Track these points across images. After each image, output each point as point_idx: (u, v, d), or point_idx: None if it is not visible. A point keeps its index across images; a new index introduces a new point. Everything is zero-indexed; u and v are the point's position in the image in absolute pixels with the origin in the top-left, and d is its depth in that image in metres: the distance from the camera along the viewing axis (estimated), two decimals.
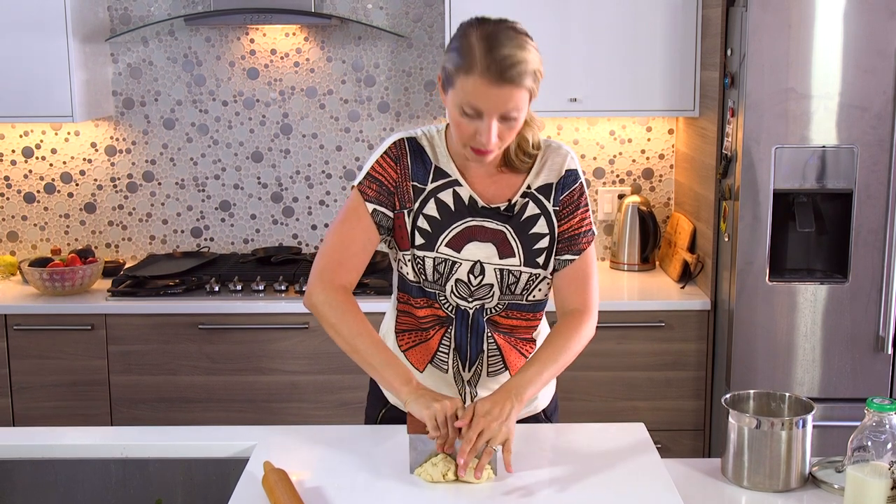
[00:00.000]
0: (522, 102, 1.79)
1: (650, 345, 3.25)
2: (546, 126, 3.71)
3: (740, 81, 2.97)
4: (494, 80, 1.73)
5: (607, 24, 3.32)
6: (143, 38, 3.67)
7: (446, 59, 1.81)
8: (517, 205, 1.93)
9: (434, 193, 1.93)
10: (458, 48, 1.78)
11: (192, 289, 3.34)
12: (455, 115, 1.81)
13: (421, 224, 1.92)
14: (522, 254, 1.93)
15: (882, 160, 2.94)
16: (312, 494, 1.69)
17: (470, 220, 1.92)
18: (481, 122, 1.78)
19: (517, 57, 1.74)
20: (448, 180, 1.93)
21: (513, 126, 1.81)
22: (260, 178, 3.77)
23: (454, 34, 1.83)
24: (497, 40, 1.74)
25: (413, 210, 1.93)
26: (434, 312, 1.97)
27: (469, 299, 1.94)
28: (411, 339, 2.01)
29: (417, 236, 1.92)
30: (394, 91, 3.71)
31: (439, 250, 1.92)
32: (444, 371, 2.00)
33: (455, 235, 1.92)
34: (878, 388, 3.04)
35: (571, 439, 1.94)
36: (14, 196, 3.77)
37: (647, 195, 3.77)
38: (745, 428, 1.79)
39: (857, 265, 2.99)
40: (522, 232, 1.93)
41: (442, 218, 1.92)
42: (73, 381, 3.28)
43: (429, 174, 1.93)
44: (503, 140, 1.82)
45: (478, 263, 1.92)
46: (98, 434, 2.05)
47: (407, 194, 1.93)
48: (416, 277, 1.95)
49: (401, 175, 1.93)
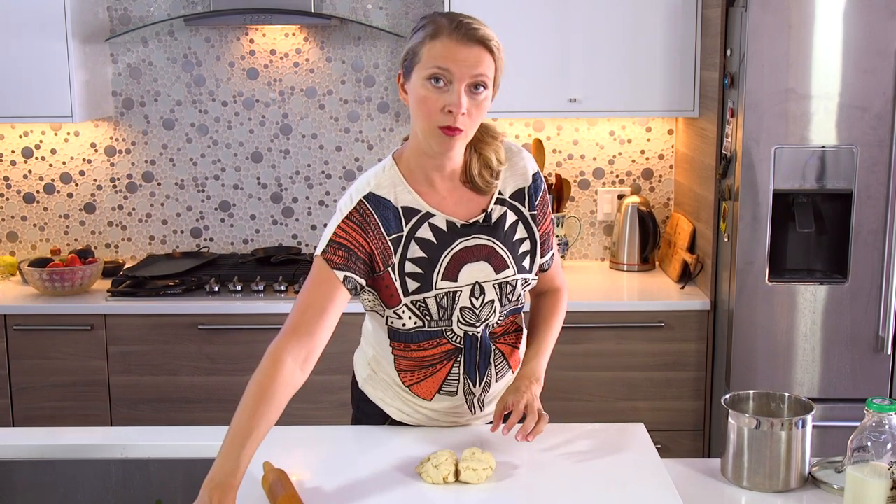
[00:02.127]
0: (490, 69, 1.77)
1: (650, 345, 3.25)
2: (546, 126, 3.72)
3: (740, 82, 2.97)
4: (463, 40, 1.74)
5: (607, 25, 3.32)
6: (142, 39, 3.67)
7: (408, 45, 1.81)
8: (494, 213, 1.91)
9: (412, 235, 1.85)
10: (421, 27, 1.81)
11: (192, 289, 3.34)
12: (421, 92, 1.77)
13: (409, 269, 1.85)
14: (514, 262, 1.92)
15: (882, 160, 2.94)
16: (312, 494, 1.69)
17: (456, 246, 1.87)
18: (450, 93, 1.74)
19: (482, 26, 1.78)
20: (420, 215, 1.86)
21: (480, 105, 1.77)
22: (259, 178, 3.77)
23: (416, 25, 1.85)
24: (460, 16, 1.79)
25: (395, 263, 1.85)
26: (441, 349, 1.93)
27: (476, 324, 1.91)
28: (415, 377, 1.96)
29: (410, 282, 1.85)
30: (393, 91, 3.71)
31: (437, 286, 1.86)
32: (454, 395, 1.97)
33: (447, 266, 1.87)
34: (878, 389, 3.04)
35: (571, 439, 1.94)
36: (14, 196, 3.77)
37: (647, 195, 3.77)
38: (744, 428, 1.79)
39: (857, 265, 2.99)
40: (507, 241, 1.92)
41: (428, 255, 1.86)
42: (72, 382, 3.28)
43: (400, 219, 1.85)
44: (471, 118, 1.77)
45: (476, 285, 1.89)
46: (98, 434, 2.05)
47: (386, 251, 1.84)
48: (417, 322, 1.88)
49: (372, 236, 1.83)
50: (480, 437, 1.95)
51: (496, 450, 1.84)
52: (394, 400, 2.02)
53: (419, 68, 1.77)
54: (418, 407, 2.00)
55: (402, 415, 2.02)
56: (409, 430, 1.99)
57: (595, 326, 3.22)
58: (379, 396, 2.04)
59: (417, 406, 2.00)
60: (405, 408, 2.01)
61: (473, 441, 1.92)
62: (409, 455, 1.85)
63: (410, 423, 2.02)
